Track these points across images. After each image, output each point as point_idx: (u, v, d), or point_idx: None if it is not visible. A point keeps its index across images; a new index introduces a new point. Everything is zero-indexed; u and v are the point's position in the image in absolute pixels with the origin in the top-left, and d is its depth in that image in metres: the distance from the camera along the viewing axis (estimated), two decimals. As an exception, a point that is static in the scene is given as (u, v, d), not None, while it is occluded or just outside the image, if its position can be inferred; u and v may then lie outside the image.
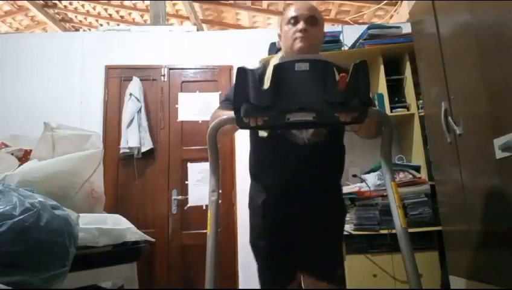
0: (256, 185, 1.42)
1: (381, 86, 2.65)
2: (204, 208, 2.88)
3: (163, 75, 3.14)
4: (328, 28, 3.26)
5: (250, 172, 1.45)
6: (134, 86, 3.00)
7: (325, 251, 1.32)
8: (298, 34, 1.29)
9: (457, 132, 1.62)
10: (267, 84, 1.01)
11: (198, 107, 3.08)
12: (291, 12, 1.33)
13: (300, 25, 1.29)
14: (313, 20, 1.32)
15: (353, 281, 2.28)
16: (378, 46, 2.64)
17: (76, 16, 5.13)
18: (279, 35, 1.41)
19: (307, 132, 1.30)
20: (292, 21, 1.32)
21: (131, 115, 2.90)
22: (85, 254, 1.52)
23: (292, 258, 1.33)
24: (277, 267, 1.34)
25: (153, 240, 2.29)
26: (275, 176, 1.34)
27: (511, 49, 1.24)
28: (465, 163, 1.62)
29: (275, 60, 1.36)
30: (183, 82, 3.15)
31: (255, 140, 1.40)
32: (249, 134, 1.42)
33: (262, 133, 1.30)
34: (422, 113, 2.33)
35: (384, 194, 2.31)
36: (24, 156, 1.97)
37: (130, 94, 2.97)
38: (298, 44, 1.29)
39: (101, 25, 5.10)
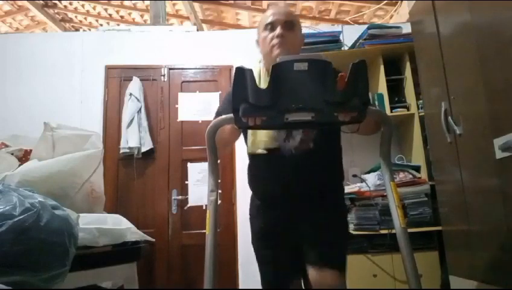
0: (254, 198, 1.43)
1: (381, 86, 2.65)
2: (204, 208, 2.88)
3: (163, 75, 3.14)
4: (328, 28, 3.27)
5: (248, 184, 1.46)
6: (134, 86, 3.00)
7: (326, 242, 1.30)
8: (275, 41, 1.29)
9: (457, 132, 1.62)
10: (263, 85, 1.00)
11: (198, 107, 3.08)
12: (268, 18, 1.32)
13: (277, 31, 1.29)
14: (289, 25, 1.31)
15: (353, 281, 2.28)
16: (378, 46, 2.64)
17: (76, 16, 5.13)
18: (257, 42, 1.40)
19: (294, 141, 1.28)
20: (269, 27, 1.31)
21: (131, 115, 2.90)
22: (85, 254, 1.51)
23: (292, 259, 1.33)
24: (276, 267, 1.34)
25: (153, 240, 2.29)
26: (266, 188, 1.35)
27: (511, 49, 1.24)
28: (465, 163, 1.62)
29: (256, 70, 1.36)
30: (183, 82, 3.15)
31: (248, 154, 1.41)
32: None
33: (252, 151, 1.30)
34: (422, 113, 2.33)
35: (384, 194, 2.31)
36: (24, 156, 1.96)
37: (130, 94, 2.97)
38: (276, 50, 1.28)
39: (101, 25, 5.11)
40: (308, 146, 1.29)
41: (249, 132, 1.33)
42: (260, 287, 1.38)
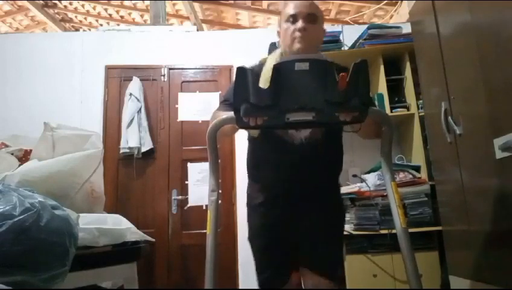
0: (254, 185, 1.41)
1: (381, 86, 2.65)
2: (204, 208, 2.88)
3: (163, 75, 3.14)
4: (328, 28, 3.26)
5: (248, 171, 1.44)
6: (134, 86, 3.00)
7: (324, 248, 1.31)
8: (297, 34, 1.26)
9: (457, 132, 1.62)
10: (264, 84, 1.00)
11: (198, 107, 3.08)
12: (290, 9, 1.29)
13: (299, 24, 1.26)
14: (312, 18, 1.28)
15: (353, 281, 2.28)
16: (378, 46, 2.64)
17: (76, 16, 5.13)
18: (278, 33, 1.37)
19: (305, 131, 1.29)
20: (291, 19, 1.28)
21: (131, 115, 2.90)
22: (85, 254, 1.52)
23: (290, 256, 1.33)
24: (274, 265, 1.34)
25: (153, 240, 2.29)
26: (272, 176, 1.34)
27: (511, 49, 1.24)
28: (465, 163, 1.62)
29: (272, 58, 1.34)
30: (183, 82, 3.15)
31: (252, 140, 1.39)
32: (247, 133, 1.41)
33: (253, 133, 1.29)
34: (422, 113, 2.33)
35: (384, 194, 2.31)
36: (24, 156, 1.96)
37: (130, 94, 2.97)
38: (297, 44, 1.26)
39: (101, 25, 5.11)
40: (318, 137, 1.30)
41: None
42: (258, 283, 1.38)
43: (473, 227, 1.59)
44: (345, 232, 1.98)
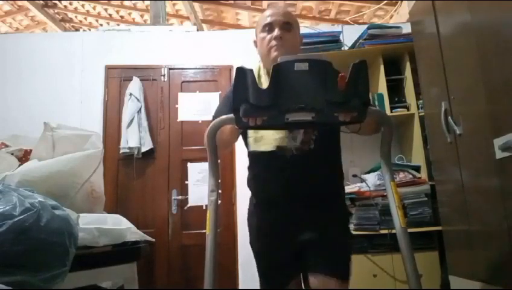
0: (253, 198, 1.41)
1: (381, 86, 2.65)
2: (204, 208, 2.88)
3: (163, 75, 3.14)
4: (328, 28, 3.27)
5: (247, 185, 1.44)
6: (134, 86, 3.00)
7: (329, 250, 1.31)
8: (273, 42, 1.27)
9: (457, 132, 1.63)
10: (263, 84, 1.00)
11: (198, 107, 3.08)
12: (266, 19, 1.31)
13: (275, 32, 1.28)
14: (287, 26, 1.30)
15: (353, 281, 2.27)
16: (378, 46, 2.64)
17: (76, 16, 5.13)
18: (255, 42, 1.38)
19: (295, 142, 1.28)
20: (267, 28, 1.30)
21: (131, 115, 2.90)
22: (85, 254, 1.52)
23: (292, 258, 1.32)
24: (274, 266, 1.33)
25: (153, 240, 2.29)
26: (267, 188, 1.33)
27: (511, 49, 1.24)
28: (465, 163, 1.62)
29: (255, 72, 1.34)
30: (183, 82, 3.15)
31: (248, 153, 1.39)
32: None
33: (260, 148, 1.29)
34: (422, 113, 2.33)
35: (384, 194, 2.31)
36: (24, 156, 1.96)
37: (130, 94, 2.97)
38: (274, 53, 1.27)
39: (101, 25, 5.11)
40: (309, 147, 1.29)
41: (250, 130, 1.32)
42: (260, 287, 1.38)
43: (473, 227, 1.59)
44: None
